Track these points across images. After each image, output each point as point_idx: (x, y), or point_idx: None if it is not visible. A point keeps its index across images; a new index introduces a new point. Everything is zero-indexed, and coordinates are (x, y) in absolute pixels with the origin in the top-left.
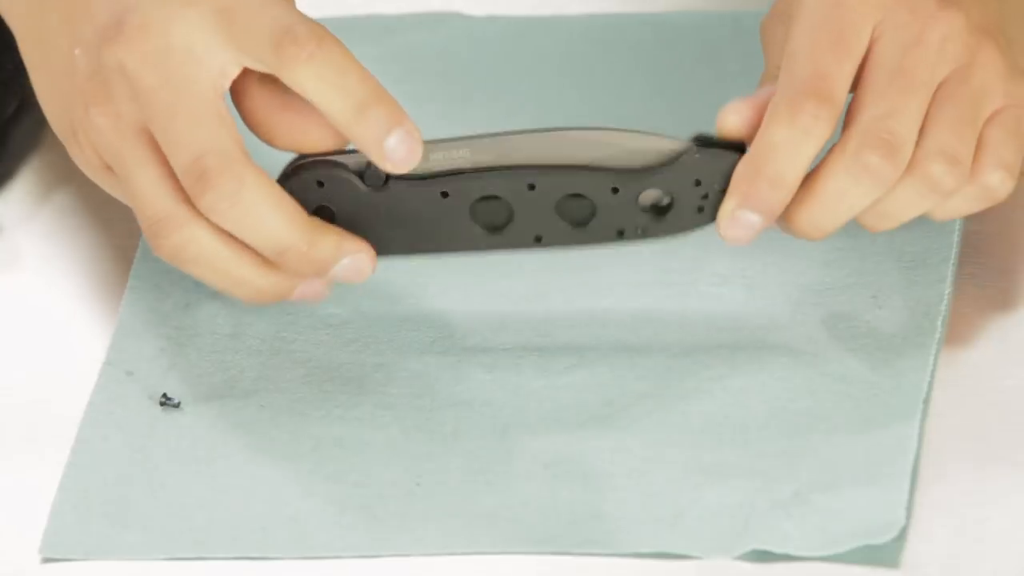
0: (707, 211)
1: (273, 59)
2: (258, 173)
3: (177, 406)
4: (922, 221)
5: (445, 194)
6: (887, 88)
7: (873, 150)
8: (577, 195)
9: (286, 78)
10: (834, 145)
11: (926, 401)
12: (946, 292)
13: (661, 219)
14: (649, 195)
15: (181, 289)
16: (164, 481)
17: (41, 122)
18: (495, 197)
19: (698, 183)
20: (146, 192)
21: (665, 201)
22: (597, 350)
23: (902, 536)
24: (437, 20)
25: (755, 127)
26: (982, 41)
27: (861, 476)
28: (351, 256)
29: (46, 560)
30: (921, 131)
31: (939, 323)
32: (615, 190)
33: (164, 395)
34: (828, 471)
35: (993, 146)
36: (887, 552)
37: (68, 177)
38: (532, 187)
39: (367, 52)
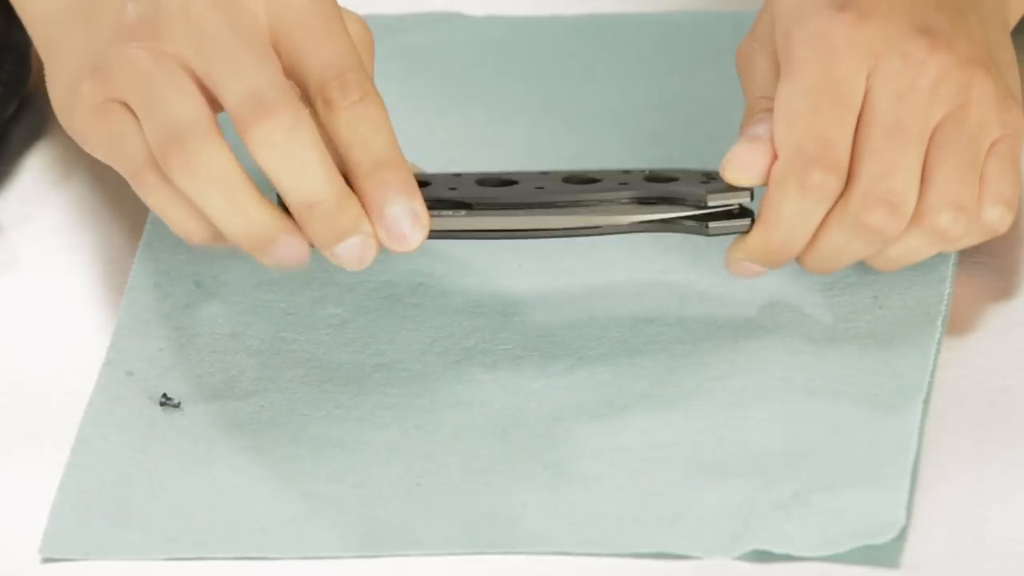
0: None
1: (315, 92)
2: (311, 119)
3: (177, 406)
4: None
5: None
6: (883, 145)
7: (874, 211)
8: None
9: (320, 114)
10: (835, 204)
11: (926, 401)
12: (946, 292)
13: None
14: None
15: (181, 289)
16: (164, 481)
17: (41, 122)
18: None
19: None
20: (172, 102)
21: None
22: (597, 350)
23: (902, 536)
24: (437, 20)
25: (759, 172)
26: (974, 74)
27: (861, 476)
28: (363, 235)
29: (46, 560)
30: (925, 179)
31: (939, 323)
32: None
33: (164, 395)
34: (828, 471)
35: (990, 181)
36: (887, 552)
37: (68, 177)
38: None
39: None
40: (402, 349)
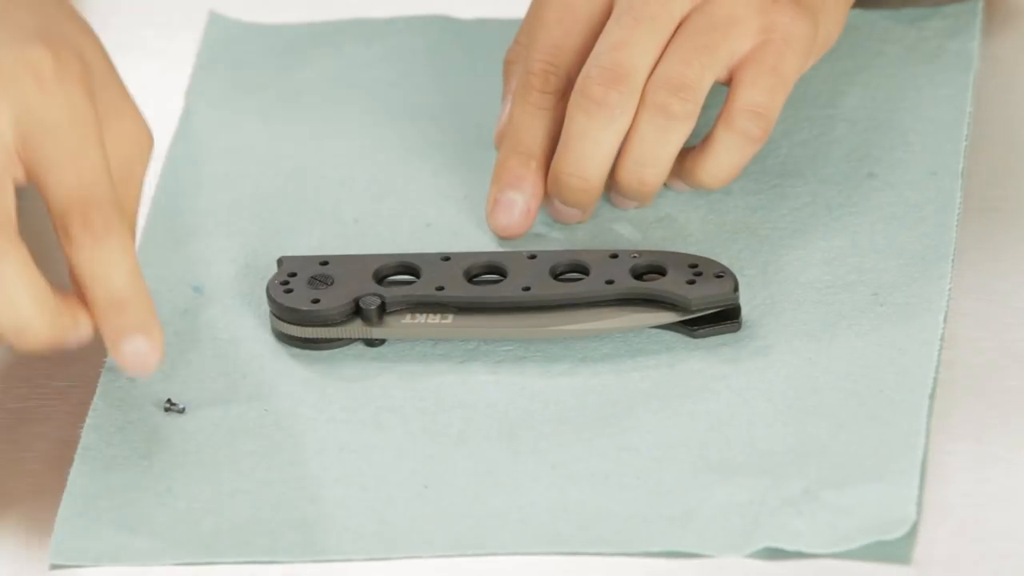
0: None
1: (56, 220)
2: (20, 253)
3: (182, 411)
4: (919, 219)
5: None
6: (615, 24)
7: (597, 81)
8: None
9: (60, 242)
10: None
11: (932, 397)
12: (947, 288)
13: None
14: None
15: (179, 295)
16: (170, 486)
17: None
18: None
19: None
20: None
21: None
22: (599, 350)
23: (913, 532)
24: (426, 23)
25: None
26: None
27: (870, 473)
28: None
29: (54, 567)
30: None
31: (941, 319)
32: None
33: (168, 400)
34: (837, 468)
35: (743, 87)
36: (898, 548)
37: None
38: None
39: (357, 55)
40: (405, 351)
